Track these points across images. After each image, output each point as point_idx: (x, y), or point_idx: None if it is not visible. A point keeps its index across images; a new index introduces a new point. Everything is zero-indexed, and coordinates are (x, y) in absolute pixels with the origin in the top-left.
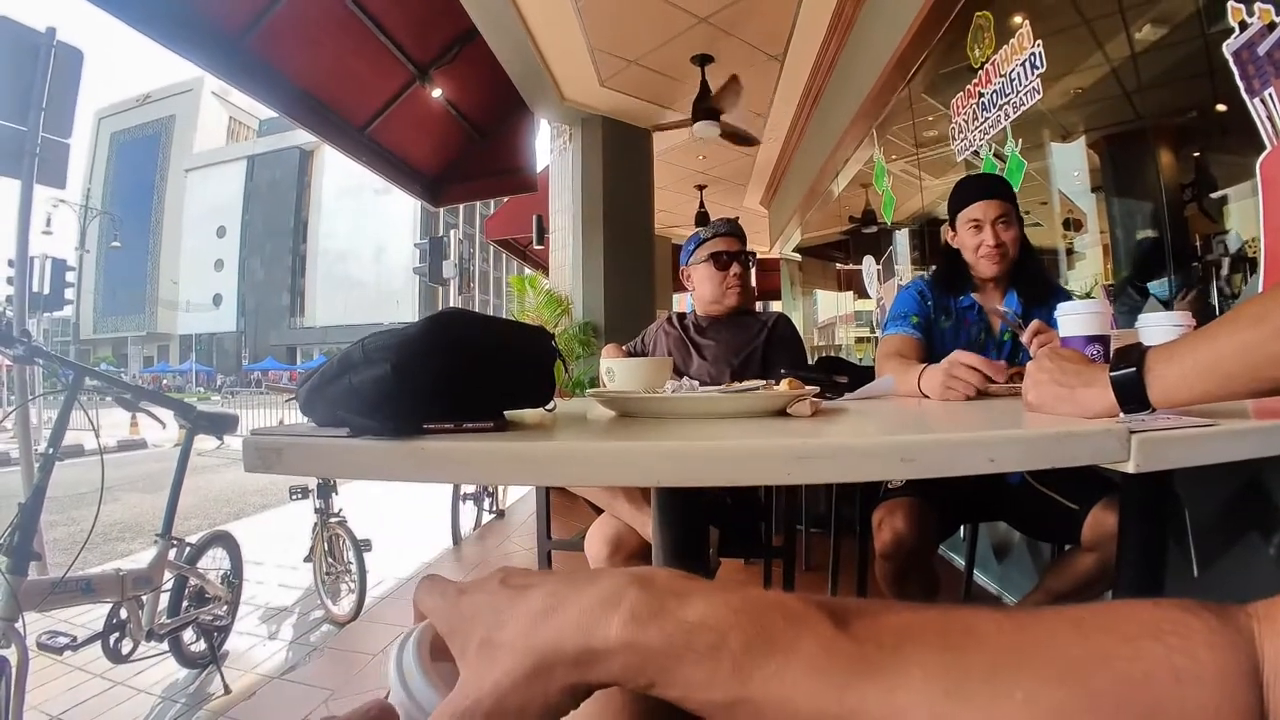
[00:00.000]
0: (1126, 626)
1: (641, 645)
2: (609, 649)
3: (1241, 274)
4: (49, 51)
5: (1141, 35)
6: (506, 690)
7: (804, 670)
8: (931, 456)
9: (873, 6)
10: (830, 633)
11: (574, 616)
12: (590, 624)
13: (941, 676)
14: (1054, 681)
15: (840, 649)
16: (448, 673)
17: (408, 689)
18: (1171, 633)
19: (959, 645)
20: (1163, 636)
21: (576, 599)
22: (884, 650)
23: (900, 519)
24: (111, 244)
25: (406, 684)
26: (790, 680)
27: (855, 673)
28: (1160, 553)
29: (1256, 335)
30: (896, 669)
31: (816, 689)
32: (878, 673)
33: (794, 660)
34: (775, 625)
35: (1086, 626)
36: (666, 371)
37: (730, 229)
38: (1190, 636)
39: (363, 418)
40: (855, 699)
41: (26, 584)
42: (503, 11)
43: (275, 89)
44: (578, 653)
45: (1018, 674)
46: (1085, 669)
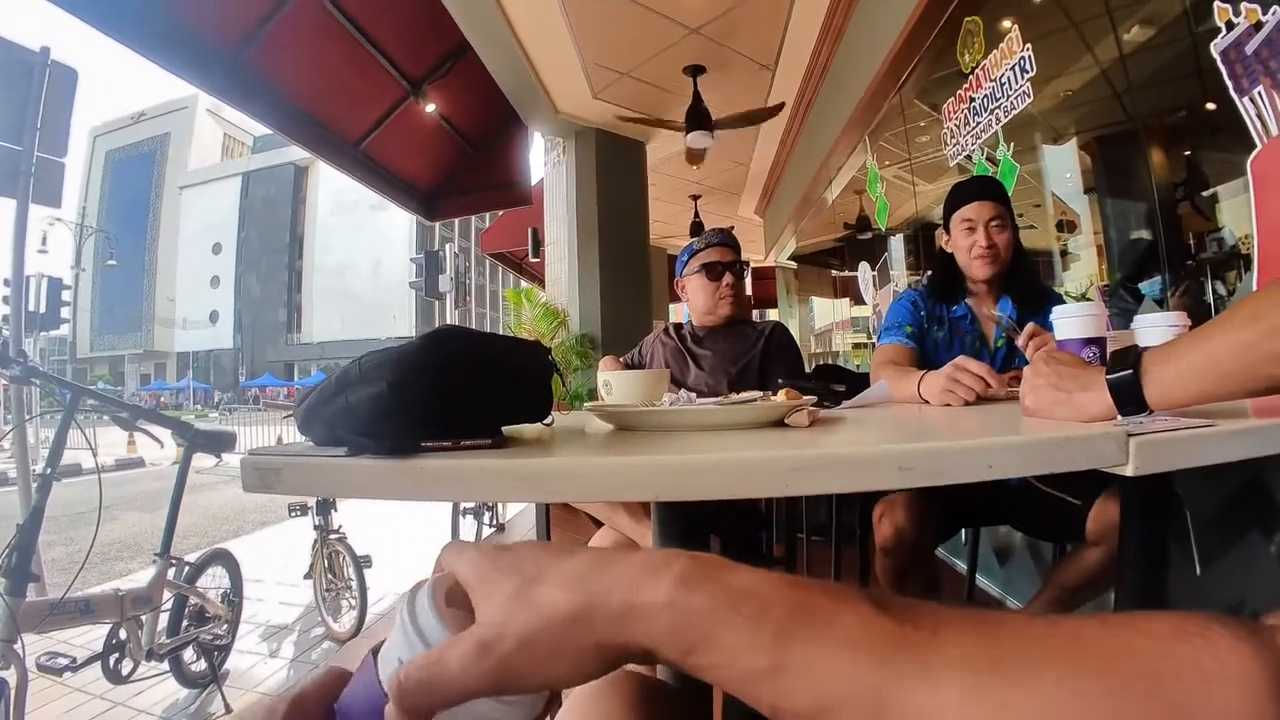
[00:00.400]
0: (1154, 628)
1: (688, 606)
2: (656, 605)
3: (1235, 271)
4: (43, 71)
5: (1130, 37)
6: (538, 629)
7: (843, 642)
8: (930, 465)
9: (862, 14)
10: (870, 611)
11: (624, 573)
12: (640, 581)
13: (977, 655)
14: (1086, 668)
15: (880, 625)
16: (463, 620)
17: (418, 625)
18: (1198, 636)
19: (993, 632)
20: (1190, 639)
21: (626, 561)
22: (921, 631)
23: (901, 513)
24: (107, 262)
25: (417, 620)
26: (830, 650)
27: (893, 647)
28: (1162, 553)
29: (1252, 334)
30: (934, 647)
31: (855, 660)
32: (915, 649)
33: (834, 631)
34: (818, 600)
35: (1114, 626)
36: (664, 384)
37: (722, 239)
38: (1217, 641)
39: (360, 436)
40: (892, 672)
41: (25, 605)
42: (495, 26)
43: (269, 106)
44: (622, 607)
45: (1051, 658)
46: (1117, 660)
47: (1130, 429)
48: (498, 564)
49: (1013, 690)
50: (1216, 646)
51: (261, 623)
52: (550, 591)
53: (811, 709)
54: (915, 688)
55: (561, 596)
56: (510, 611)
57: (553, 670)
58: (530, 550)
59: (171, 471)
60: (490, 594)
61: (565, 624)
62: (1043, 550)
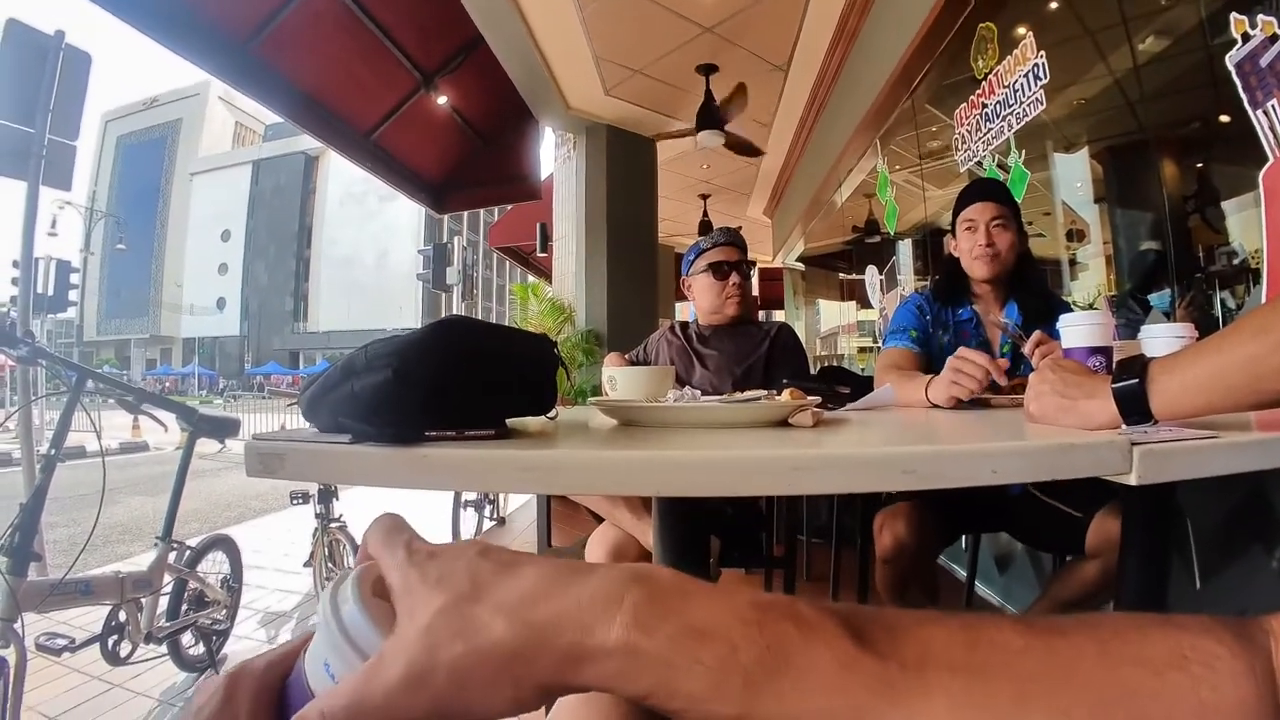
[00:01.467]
0: (1153, 653)
1: (645, 651)
2: (607, 650)
3: (1244, 285)
4: (57, 54)
5: (1145, 47)
6: (472, 663)
7: (820, 689)
8: (933, 468)
9: (877, 17)
10: (848, 648)
11: (571, 608)
12: (590, 620)
13: (966, 704)
14: (1079, 705)
15: (860, 667)
16: (392, 614)
17: (342, 624)
18: (1197, 662)
19: (983, 667)
20: (1188, 667)
21: (574, 590)
22: (906, 671)
23: (901, 524)
24: (116, 246)
25: (341, 617)
26: (805, 700)
27: (875, 695)
28: (1163, 564)
29: (1259, 347)
30: (920, 693)
31: (833, 710)
32: (899, 697)
33: (809, 678)
34: (789, 638)
35: (1113, 655)
36: (669, 380)
37: (729, 238)
38: (1215, 666)
39: (364, 424)
40: (873, 714)
41: (26, 585)
42: (508, 19)
43: (281, 94)
44: (570, 648)
45: (1044, 705)
46: (1112, 703)
47: (1134, 438)
48: (426, 575)
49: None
50: (1215, 673)
51: (261, 609)
52: (488, 618)
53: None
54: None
55: (500, 627)
56: (440, 638)
57: (491, 705)
58: (465, 560)
59: (175, 456)
60: (415, 609)
61: (504, 659)
62: (1042, 559)
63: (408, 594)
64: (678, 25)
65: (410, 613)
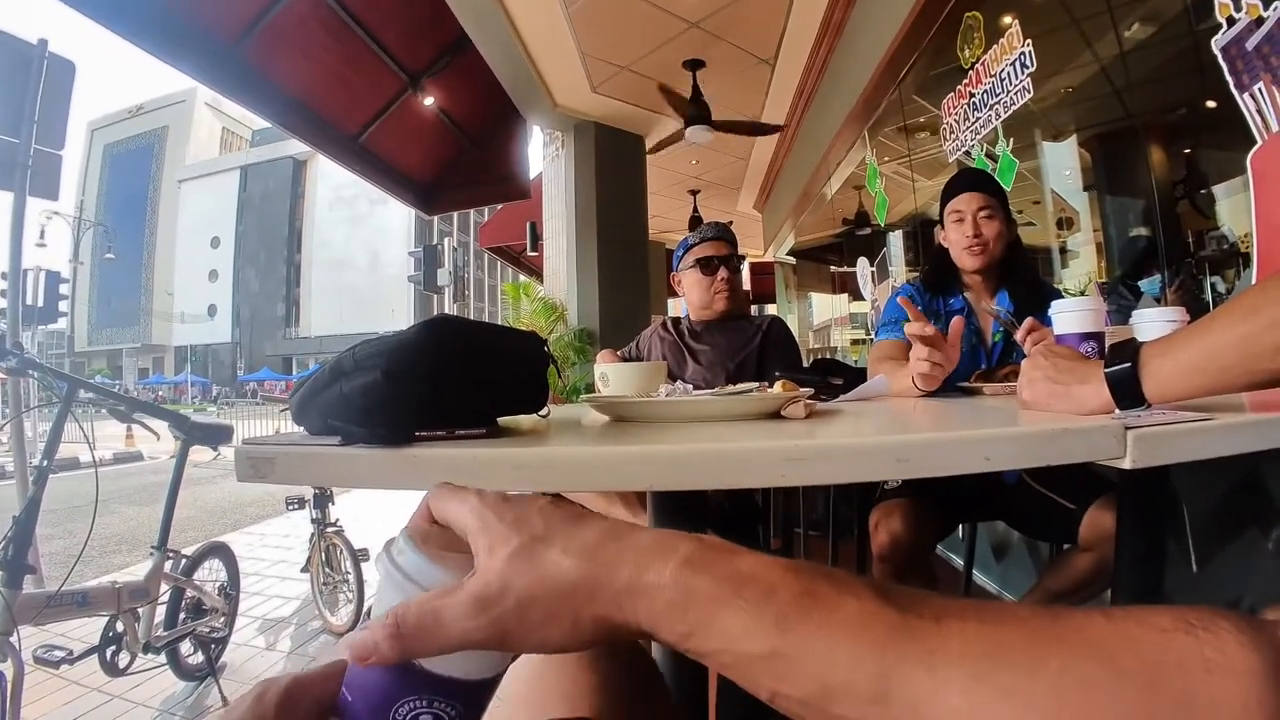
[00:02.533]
0: (1158, 620)
1: (692, 588)
2: (660, 585)
3: (1234, 269)
4: (41, 63)
5: (1130, 33)
6: (540, 594)
7: (845, 629)
8: (926, 456)
9: (862, 9)
10: (873, 598)
11: (629, 551)
12: (646, 561)
13: (980, 643)
14: (1089, 657)
15: (883, 615)
16: (452, 562)
17: (404, 571)
18: (1202, 628)
19: (996, 621)
20: (1193, 630)
21: (632, 538)
22: (924, 620)
23: (897, 520)
24: (105, 255)
25: (401, 566)
26: (832, 636)
27: (897, 634)
28: (1159, 549)
29: (1251, 327)
30: (936, 635)
31: (857, 647)
32: (918, 636)
33: (836, 618)
34: (821, 587)
35: (1117, 617)
36: (661, 376)
37: (717, 233)
38: (1220, 634)
39: (354, 426)
40: (894, 657)
41: (22, 598)
42: (493, 18)
43: (268, 99)
44: (628, 584)
45: (1054, 646)
46: (1120, 649)
47: (1128, 422)
48: (503, 515)
49: (1016, 677)
50: (1220, 638)
51: (259, 616)
52: (558, 556)
53: (811, 695)
54: (918, 674)
55: (568, 564)
56: (515, 570)
57: (547, 635)
58: (537, 508)
59: (169, 465)
60: (493, 546)
61: (568, 592)
62: (1040, 547)
63: (484, 532)
64: (663, 20)
65: (489, 548)
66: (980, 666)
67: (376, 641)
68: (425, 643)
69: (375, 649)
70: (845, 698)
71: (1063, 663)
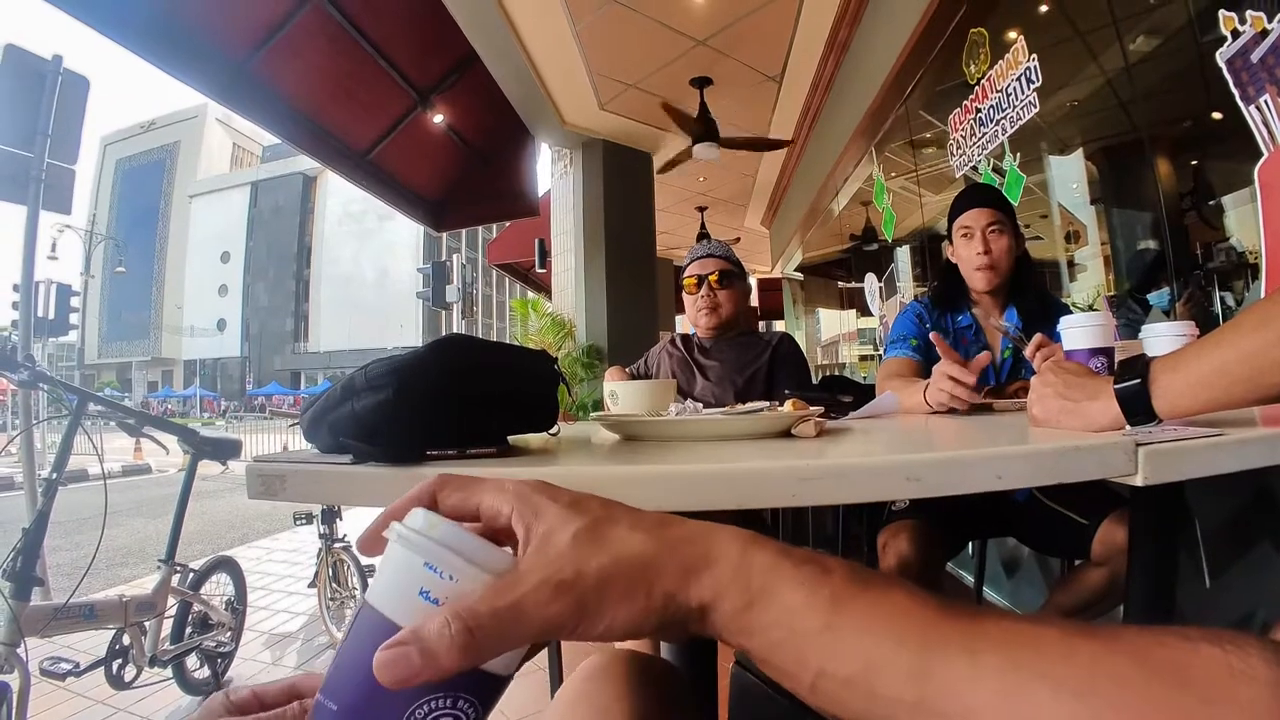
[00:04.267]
0: (1187, 631)
1: (758, 561)
2: (727, 557)
3: (1243, 281)
4: (55, 79)
5: (1135, 46)
6: (613, 571)
7: (895, 612)
8: (937, 475)
9: (868, 26)
10: (917, 592)
11: (696, 531)
12: (712, 539)
13: (1016, 636)
14: (1120, 653)
15: (926, 605)
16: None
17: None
18: (1227, 640)
19: (1033, 621)
20: (1220, 642)
21: (691, 522)
22: (964, 615)
23: (905, 542)
24: (116, 269)
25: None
26: (881, 618)
27: (938, 622)
28: (1172, 564)
29: (1260, 341)
30: (976, 626)
31: (904, 628)
32: (959, 624)
33: (885, 601)
34: (870, 576)
35: (1147, 629)
36: (670, 394)
37: (705, 251)
38: (1247, 647)
39: (365, 444)
40: (938, 639)
41: (29, 609)
42: (502, 37)
43: (278, 115)
44: (695, 557)
45: (1087, 641)
46: (1149, 649)
47: (1139, 438)
48: (557, 498)
49: (1051, 664)
50: (1245, 651)
51: (265, 631)
52: (626, 533)
53: (857, 672)
54: (960, 657)
55: (638, 539)
56: (586, 550)
57: (622, 614)
58: (587, 494)
59: (177, 479)
60: (554, 529)
61: (641, 567)
62: (1050, 563)
63: (539, 516)
64: (671, 39)
65: (548, 532)
66: (1017, 654)
67: (433, 652)
68: (503, 641)
69: (431, 662)
70: (888, 675)
71: (1094, 655)
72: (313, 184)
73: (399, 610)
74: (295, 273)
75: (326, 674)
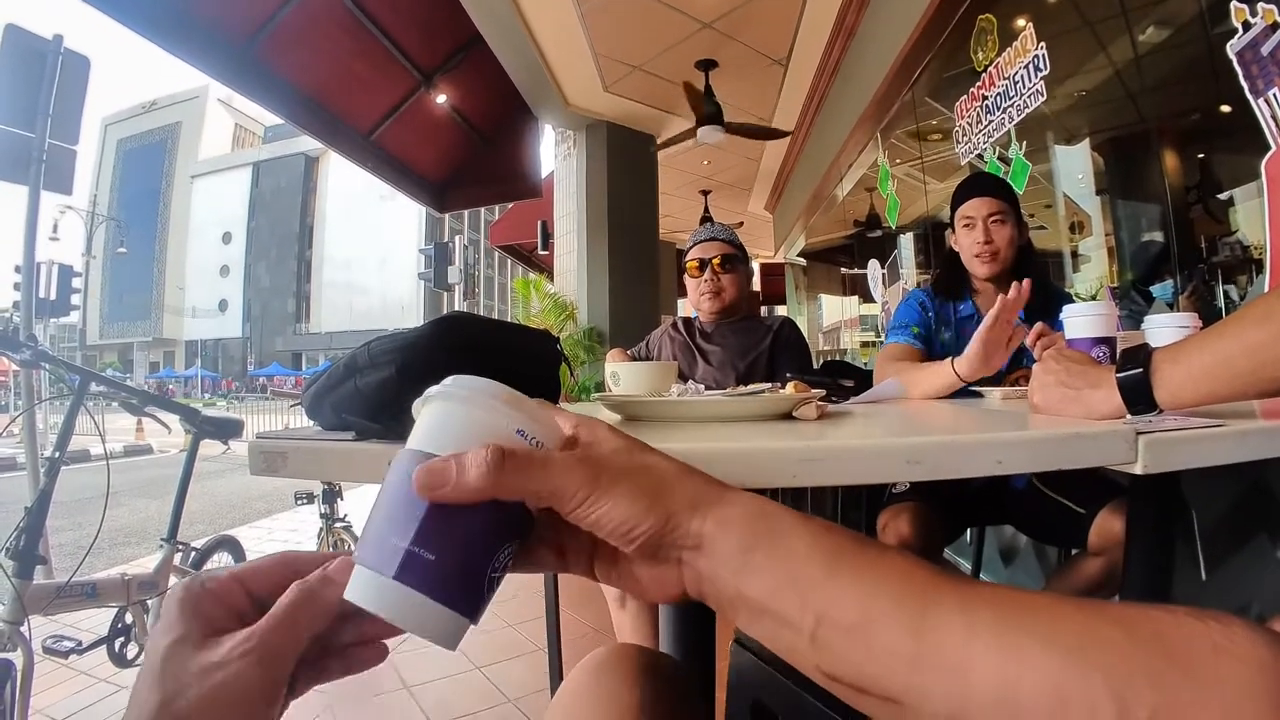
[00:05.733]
0: (1171, 607)
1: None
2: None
3: (1247, 275)
4: (56, 59)
5: (1145, 37)
6: (642, 473)
7: (894, 570)
8: (938, 458)
9: (876, 11)
10: (914, 558)
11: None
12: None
13: (1009, 602)
14: (1108, 620)
15: (922, 568)
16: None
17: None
18: (1213, 618)
19: (1021, 591)
20: (1204, 618)
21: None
22: (957, 578)
23: (905, 523)
24: (118, 250)
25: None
26: (881, 574)
27: (934, 583)
28: (1168, 554)
29: (1263, 335)
30: (970, 589)
31: (903, 583)
32: (952, 585)
33: (884, 560)
34: (872, 541)
35: (1134, 604)
36: (671, 376)
37: (708, 235)
38: (1231, 625)
39: (367, 421)
40: (934, 599)
41: (32, 588)
42: (507, 18)
43: (281, 96)
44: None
45: (1076, 608)
46: (1136, 619)
47: (1139, 427)
48: (600, 423)
49: (1042, 625)
50: (1229, 628)
51: None
52: (657, 458)
53: (857, 622)
54: (954, 616)
55: (665, 463)
56: (619, 451)
57: (618, 507)
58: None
59: (179, 459)
60: (598, 439)
61: (655, 479)
62: (1047, 551)
63: (589, 429)
64: (677, 21)
65: (592, 441)
66: (1010, 613)
67: (466, 469)
68: (526, 480)
69: (462, 478)
70: (887, 628)
71: (1085, 621)
72: (315, 164)
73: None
74: (297, 253)
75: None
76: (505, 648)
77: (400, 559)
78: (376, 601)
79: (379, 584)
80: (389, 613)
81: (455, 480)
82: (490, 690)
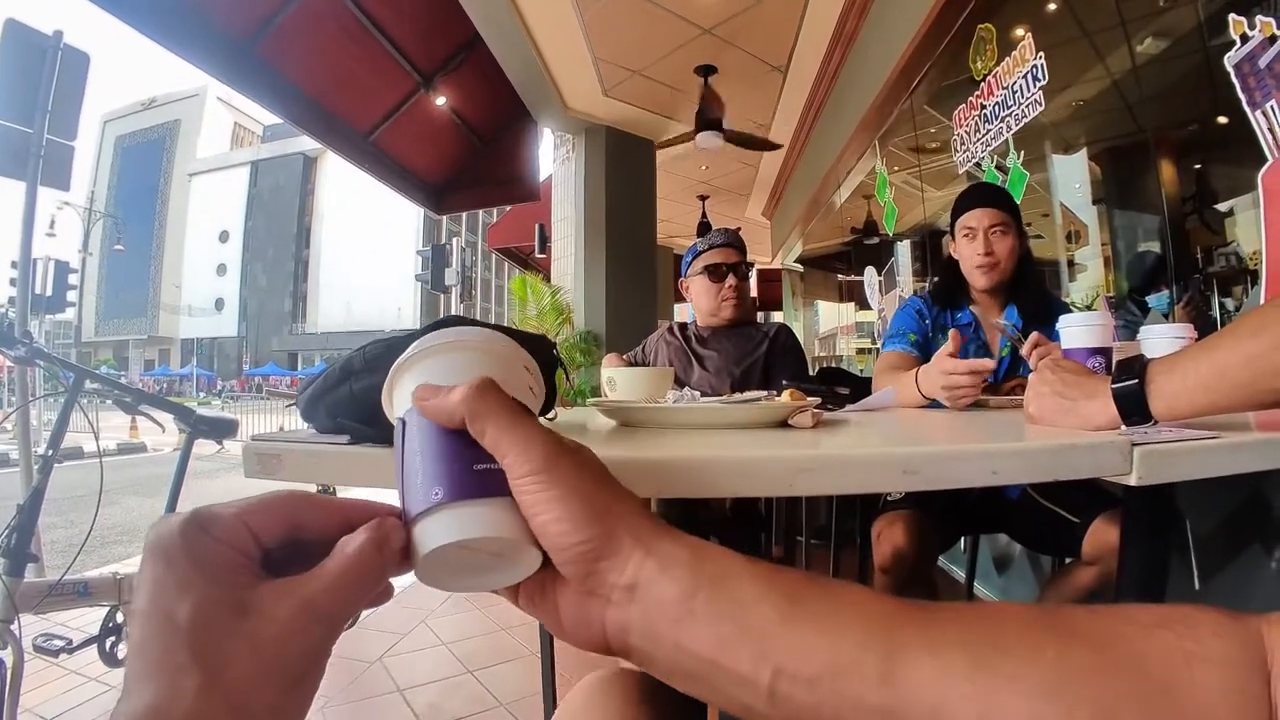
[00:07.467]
0: (1140, 616)
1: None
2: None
3: (1243, 286)
4: (55, 54)
5: (1143, 48)
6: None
7: (853, 608)
8: (934, 468)
9: (875, 19)
10: (871, 591)
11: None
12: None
13: (977, 633)
14: (1081, 647)
15: (881, 601)
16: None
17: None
18: (1179, 622)
19: (990, 615)
20: (1172, 626)
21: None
22: (924, 610)
23: (899, 532)
24: (115, 247)
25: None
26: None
27: (897, 619)
28: (1162, 564)
29: (1257, 347)
30: (934, 624)
31: (864, 626)
32: (917, 622)
33: (843, 598)
34: (827, 578)
35: (1102, 614)
36: (668, 381)
37: (726, 240)
38: (1197, 627)
39: (363, 424)
40: (898, 641)
41: (23, 586)
42: (507, 20)
43: (281, 95)
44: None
45: (1047, 637)
46: (1108, 642)
47: (1134, 438)
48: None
49: (1018, 664)
50: (1197, 632)
51: None
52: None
53: (821, 672)
54: (923, 658)
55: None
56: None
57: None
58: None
59: (173, 457)
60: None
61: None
62: (1041, 560)
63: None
64: (677, 26)
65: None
66: (982, 653)
67: (450, 393)
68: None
69: (446, 398)
70: (853, 680)
71: (1058, 652)
72: (313, 164)
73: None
74: (294, 253)
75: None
76: (498, 652)
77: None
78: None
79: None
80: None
81: (439, 398)
82: (483, 694)
